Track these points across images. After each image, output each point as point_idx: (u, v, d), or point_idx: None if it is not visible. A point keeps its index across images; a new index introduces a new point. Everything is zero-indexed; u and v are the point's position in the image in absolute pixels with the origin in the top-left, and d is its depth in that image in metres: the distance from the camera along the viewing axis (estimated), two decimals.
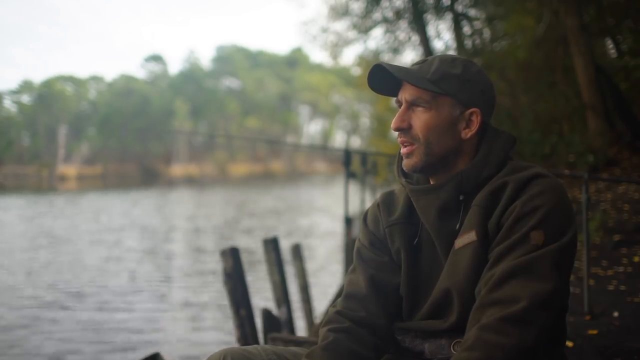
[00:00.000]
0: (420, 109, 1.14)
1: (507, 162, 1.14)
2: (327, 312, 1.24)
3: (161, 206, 23.97)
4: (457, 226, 1.12)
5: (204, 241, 12.91)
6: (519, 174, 1.09)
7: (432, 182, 1.18)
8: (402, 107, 1.16)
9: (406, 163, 1.16)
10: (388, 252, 1.24)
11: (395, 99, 1.19)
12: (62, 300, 7.21)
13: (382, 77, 1.17)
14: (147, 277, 8.65)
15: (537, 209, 1.03)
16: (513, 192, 1.06)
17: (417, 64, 1.17)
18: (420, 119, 1.13)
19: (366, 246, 1.26)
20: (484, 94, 1.16)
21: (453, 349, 1.11)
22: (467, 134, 1.14)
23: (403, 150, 1.17)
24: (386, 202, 1.27)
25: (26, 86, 61.70)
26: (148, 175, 57.24)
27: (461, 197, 1.13)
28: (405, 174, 1.22)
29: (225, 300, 3.70)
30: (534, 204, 1.04)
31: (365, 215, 1.31)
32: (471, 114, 1.14)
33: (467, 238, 1.09)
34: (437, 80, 1.12)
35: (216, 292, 7.03)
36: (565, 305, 1.07)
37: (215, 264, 8.30)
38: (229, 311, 3.67)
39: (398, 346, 1.21)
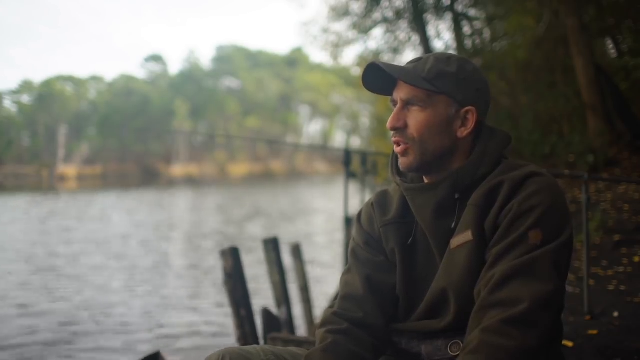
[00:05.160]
0: (415, 108, 1.13)
1: (502, 161, 1.14)
2: (324, 313, 1.24)
3: (159, 208, 23.73)
4: (453, 225, 1.12)
5: (202, 251, 11.87)
6: (514, 172, 1.08)
7: (426, 181, 1.18)
8: (398, 106, 1.15)
9: (402, 162, 1.16)
10: (383, 252, 1.23)
11: (390, 98, 1.18)
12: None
13: (377, 77, 1.16)
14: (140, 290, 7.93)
15: (534, 208, 1.03)
16: (509, 191, 1.06)
17: (412, 62, 1.17)
18: (415, 119, 1.13)
19: (361, 246, 1.26)
20: (479, 92, 1.15)
21: (450, 350, 1.11)
22: (463, 132, 1.14)
23: (397, 149, 1.16)
24: (380, 202, 1.27)
25: (26, 86, 61.68)
26: (148, 175, 57.22)
27: (457, 196, 1.12)
28: (399, 173, 1.21)
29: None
30: (531, 203, 1.03)
31: (359, 215, 1.30)
32: (467, 112, 1.14)
33: (463, 238, 1.09)
34: (433, 78, 1.12)
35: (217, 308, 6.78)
36: (562, 304, 1.07)
37: (214, 282, 7.83)
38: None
39: (395, 348, 1.21)
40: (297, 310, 5.38)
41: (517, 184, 1.06)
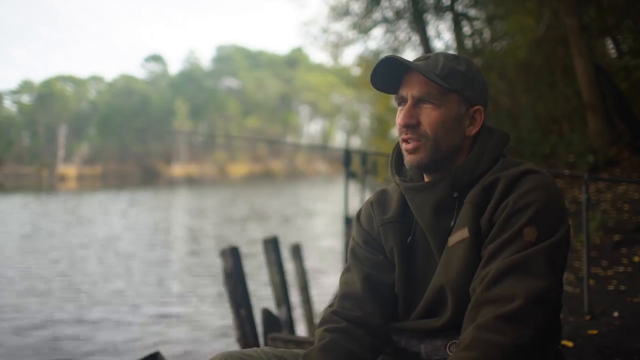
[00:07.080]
0: (428, 105, 1.12)
1: (500, 159, 1.14)
2: (323, 311, 1.24)
3: (158, 209, 23.49)
4: (452, 223, 1.12)
5: (200, 255, 11.41)
6: (510, 170, 1.09)
7: (426, 180, 1.18)
8: (409, 103, 1.14)
9: (411, 159, 1.14)
10: (382, 251, 1.23)
11: (395, 96, 1.17)
12: None
13: (384, 73, 1.15)
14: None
15: (529, 205, 1.03)
16: (505, 188, 1.06)
17: (420, 59, 1.16)
18: (429, 116, 1.12)
19: (360, 245, 1.26)
20: (482, 92, 1.17)
21: (449, 349, 1.11)
22: (472, 131, 1.15)
23: (408, 146, 1.14)
24: (380, 201, 1.27)
25: (26, 86, 61.70)
26: (148, 175, 57.21)
27: (455, 194, 1.12)
28: (399, 172, 1.21)
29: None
30: (526, 201, 1.03)
31: (359, 214, 1.30)
32: (475, 111, 1.15)
33: (459, 235, 1.09)
34: (446, 76, 1.11)
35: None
36: (559, 303, 1.07)
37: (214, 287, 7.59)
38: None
39: (394, 346, 1.21)
40: (297, 310, 5.37)
41: (513, 181, 1.06)
